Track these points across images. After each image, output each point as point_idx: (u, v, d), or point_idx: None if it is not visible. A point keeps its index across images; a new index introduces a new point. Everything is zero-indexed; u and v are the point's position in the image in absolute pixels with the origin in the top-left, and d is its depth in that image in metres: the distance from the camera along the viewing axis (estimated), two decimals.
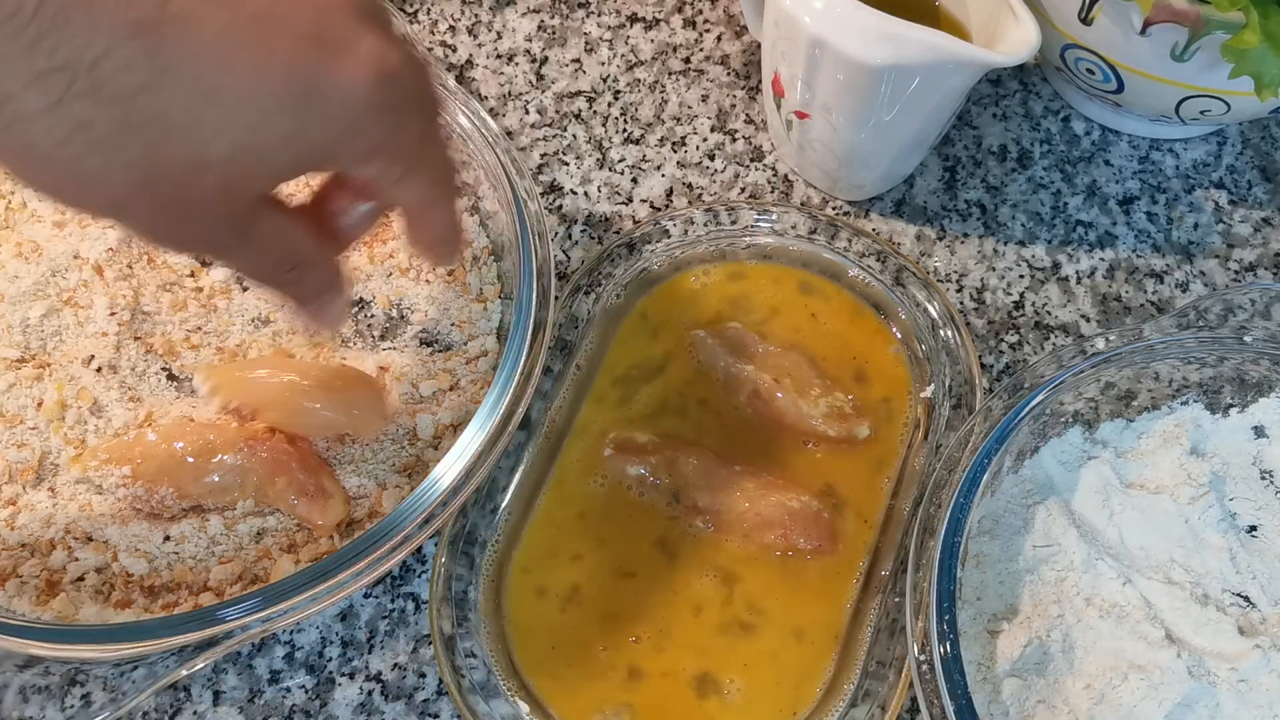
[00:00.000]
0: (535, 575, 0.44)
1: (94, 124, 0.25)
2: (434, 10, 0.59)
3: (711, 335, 0.48)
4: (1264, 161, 0.55)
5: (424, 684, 0.43)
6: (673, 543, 0.44)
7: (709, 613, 0.43)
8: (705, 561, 0.44)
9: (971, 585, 0.41)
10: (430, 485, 0.41)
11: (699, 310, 0.50)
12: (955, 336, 0.48)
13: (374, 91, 0.28)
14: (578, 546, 0.44)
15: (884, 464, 0.46)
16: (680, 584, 0.44)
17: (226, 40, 0.26)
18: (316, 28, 0.28)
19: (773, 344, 0.48)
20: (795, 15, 0.43)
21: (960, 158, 0.55)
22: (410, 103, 0.31)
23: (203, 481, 0.43)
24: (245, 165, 0.28)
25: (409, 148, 0.31)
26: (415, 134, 0.31)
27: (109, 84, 0.25)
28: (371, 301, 0.49)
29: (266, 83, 0.27)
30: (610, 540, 0.45)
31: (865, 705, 0.41)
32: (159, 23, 0.25)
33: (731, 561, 0.44)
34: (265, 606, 0.38)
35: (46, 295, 0.47)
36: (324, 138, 0.29)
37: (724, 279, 0.50)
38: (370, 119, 0.29)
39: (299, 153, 0.29)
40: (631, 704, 0.42)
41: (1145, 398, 0.45)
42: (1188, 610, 0.40)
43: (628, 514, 0.45)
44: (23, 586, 0.41)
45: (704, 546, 0.44)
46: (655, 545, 0.44)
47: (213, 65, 0.26)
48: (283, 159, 0.29)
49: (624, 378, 0.48)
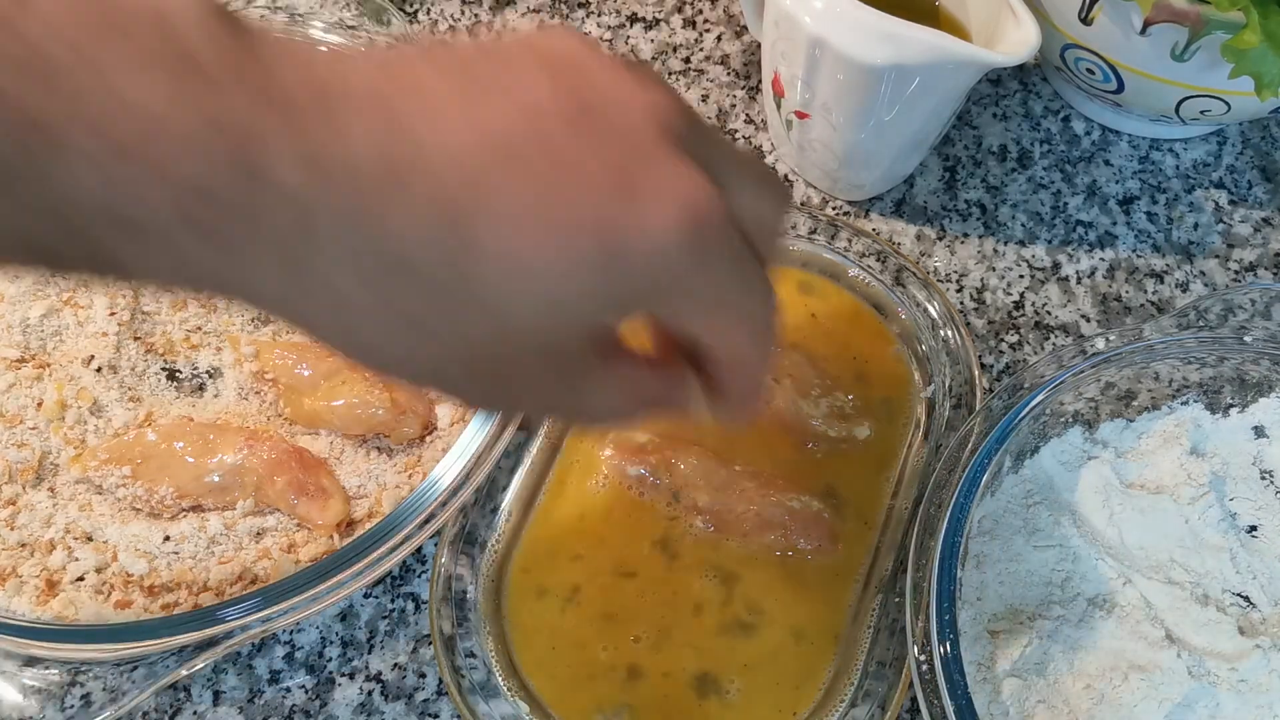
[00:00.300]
0: (535, 575, 0.44)
1: (403, 300, 0.24)
2: (434, 10, 0.59)
3: None
4: (1264, 161, 0.55)
5: (424, 684, 0.43)
6: (673, 543, 0.44)
7: (709, 613, 0.43)
8: (705, 561, 0.44)
9: (971, 585, 0.41)
10: (430, 485, 0.41)
11: None
12: (955, 336, 0.48)
13: (684, 241, 0.25)
14: (577, 546, 0.44)
15: (884, 464, 0.46)
16: (680, 584, 0.44)
17: (529, 207, 0.24)
18: (622, 169, 0.24)
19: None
20: (795, 15, 0.43)
21: (960, 158, 0.55)
22: (726, 246, 0.27)
23: (203, 481, 0.43)
24: (549, 324, 0.25)
25: (725, 298, 0.28)
26: (732, 281, 0.27)
27: (416, 259, 0.24)
28: None
29: (571, 248, 0.24)
30: (610, 540, 0.44)
31: (865, 705, 0.41)
32: (457, 195, 0.23)
33: (731, 562, 0.44)
34: (265, 606, 0.39)
35: (46, 295, 0.47)
36: (630, 291, 0.26)
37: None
38: (680, 271, 0.25)
39: (603, 307, 0.26)
40: (632, 704, 0.42)
41: (1145, 398, 0.45)
42: (1188, 610, 0.40)
43: (628, 514, 0.45)
44: (23, 586, 0.41)
45: (704, 547, 0.44)
46: (655, 545, 0.44)
47: (515, 236, 0.24)
48: (589, 312, 0.26)
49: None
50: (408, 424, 0.44)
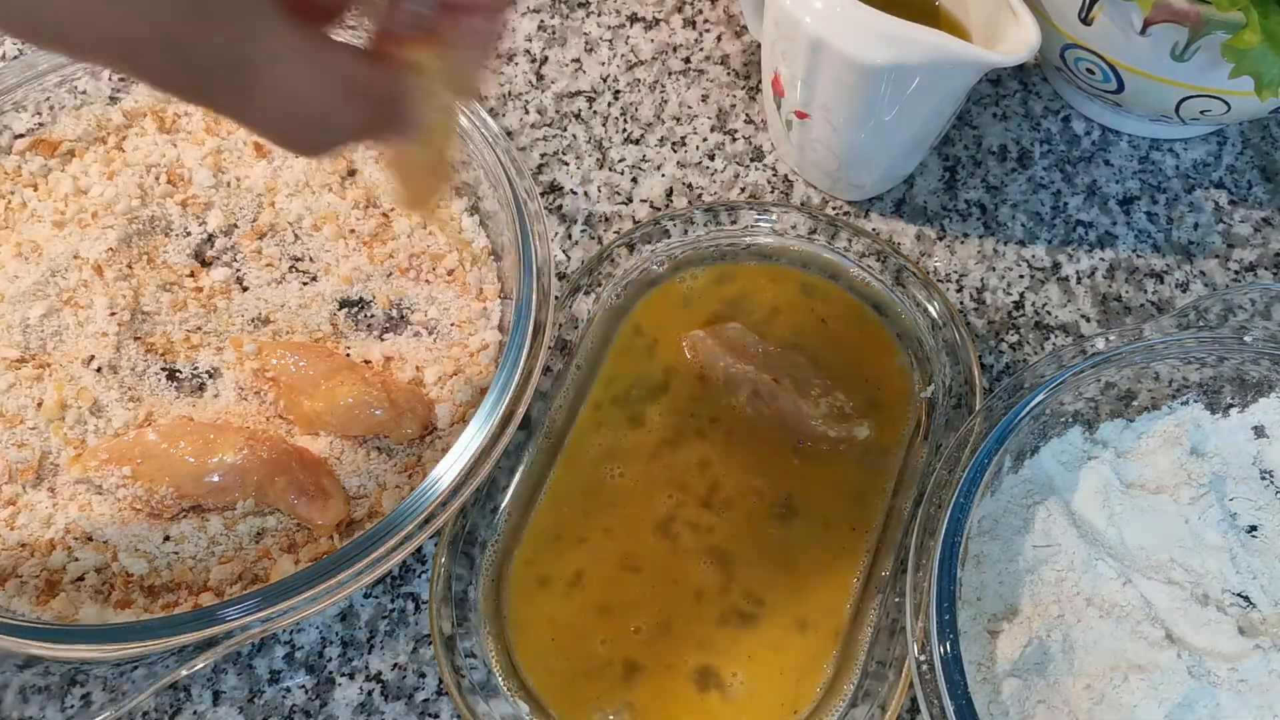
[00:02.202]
0: (537, 566, 0.44)
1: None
2: None
3: (710, 335, 0.48)
4: (1264, 161, 0.55)
5: (424, 684, 0.43)
6: (673, 531, 0.45)
7: (709, 601, 0.43)
8: (701, 545, 0.44)
9: (971, 585, 0.41)
10: (430, 485, 0.41)
11: (697, 310, 0.50)
12: (955, 336, 0.48)
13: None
14: (580, 531, 0.45)
15: (884, 464, 0.46)
16: (680, 571, 0.44)
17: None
18: None
19: (773, 344, 0.48)
20: (795, 15, 0.43)
21: (960, 158, 0.55)
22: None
23: (203, 481, 0.43)
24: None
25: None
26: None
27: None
28: (371, 301, 0.49)
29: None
30: (611, 531, 0.45)
31: (865, 705, 0.41)
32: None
33: (729, 543, 0.44)
34: (265, 606, 0.38)
35: (46, 295, 0.47)
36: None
37: (723, 279, 0.50)
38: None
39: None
40: (633, 702, 0.42)
41: (1145, 398, 0.45)
42: (1188, 610, 0.40)
43: (628, 510, 0.45)
44: (23, 586, 0.41)
45: (700, 532, 0.45)
46: (657, 530, 0.44)
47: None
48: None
49: (624, 396, 0.48)
50: (407, 424, 0.44)
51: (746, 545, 0.44)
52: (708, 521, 0.45)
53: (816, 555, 0.44)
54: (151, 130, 0.52)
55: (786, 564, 0.44)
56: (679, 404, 0.47)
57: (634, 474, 0.46)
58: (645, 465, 0.46)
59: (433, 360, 0.47)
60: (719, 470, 0.46)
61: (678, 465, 0.46)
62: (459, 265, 0.49)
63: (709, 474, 0.46)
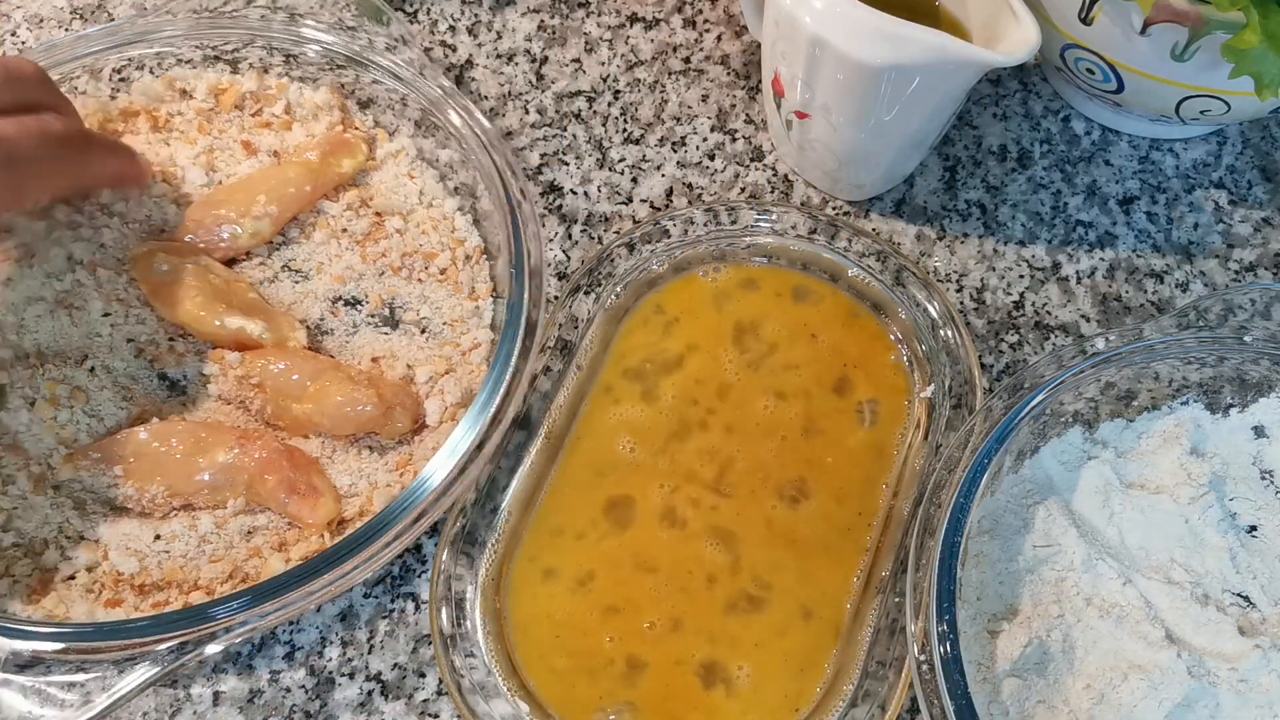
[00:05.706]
0: (541, 561, 0.44)
1: None
2: (434, 10, 0.59)
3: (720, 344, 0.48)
4: (1264, 161, 0.55)
5: (424, 684, 0.43)
6: (681, 515, 0.44)
7: (720, 584, 0.43)
8: (706, 527, 0.44)
9: (971, 585, 0.41)
10: (421, 483, 0.41)
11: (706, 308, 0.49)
12: (955, 336, 0.47)
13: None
14: (581, 525, 0.44)
15: (884, 464, 0.46)
16: (692, 560, 0.44)
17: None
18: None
19: (777, 344, 0.48)
20: (795, 15, 0.43)
21: (960, 158, 0.55)
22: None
23: (194, 480, 0.43)
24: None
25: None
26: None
27: None
28: (364, 300, 0.49)
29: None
30: (618, 519, 0.44)
31: (865, 705, 0.40)
32: None
33: (729, 522, 0.44)
34: (255, 605, 0.38)
35: (41, 296, 0.46)
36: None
37: (724, 279, 0.50)
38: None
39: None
40: (634, 702, 0.41)
41: (1145, 398, 0.45)
42: (1188, 610, 0.40)
43: (635, 493, 0.45)
44: (14, 585, 0.41)
45: (705, 512, 0.44)
46: (665, 518, 0.44)
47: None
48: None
49: (638, 369, 0.48)
50: (398, 418, 0.44)
51: (755, 526, 0.44)
52: (716, 502, 0.45)
53: (824, 536, 0.44)
54: (145, 129, 0.52)
55: (794, 545, 0.44)
56: (691, 382, 0.47)
57: (646, 448, 0.46)
58: (658, 440, 0.46)
59: (425, 359, 0.47)
60: (730, 449, 0.46)
61: (689, 448, 0.46)
62: (451, 264, 0.49)
63: (720, 454, 0.46)
